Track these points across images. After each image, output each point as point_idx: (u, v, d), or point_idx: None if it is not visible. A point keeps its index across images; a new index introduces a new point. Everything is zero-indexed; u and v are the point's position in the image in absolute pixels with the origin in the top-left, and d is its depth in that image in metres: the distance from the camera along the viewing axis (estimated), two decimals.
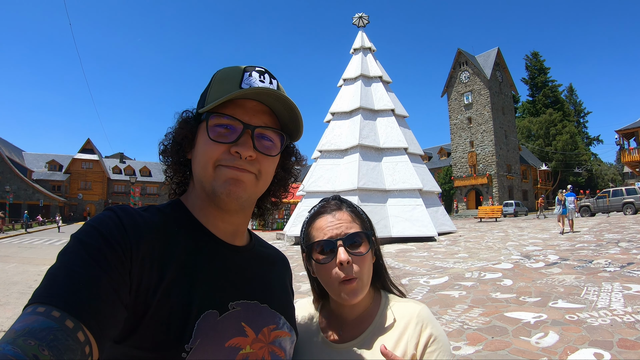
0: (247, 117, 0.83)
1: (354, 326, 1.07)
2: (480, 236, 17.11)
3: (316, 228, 1.06)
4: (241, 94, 0.81)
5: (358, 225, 1.05)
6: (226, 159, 0.81)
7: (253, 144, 0.82)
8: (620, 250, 10.08)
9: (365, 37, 23.13)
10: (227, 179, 0.81)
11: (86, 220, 0.77)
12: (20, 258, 15.84)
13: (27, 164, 64.34)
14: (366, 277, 1.02)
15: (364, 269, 1.01)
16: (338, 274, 0.99)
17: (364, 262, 1.01)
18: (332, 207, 1.08)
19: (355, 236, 1.02)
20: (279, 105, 0.86)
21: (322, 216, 1.07)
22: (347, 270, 0.98)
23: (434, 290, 6.91)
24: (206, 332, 0.74)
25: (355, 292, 0.99)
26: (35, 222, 44.14)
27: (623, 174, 66.30)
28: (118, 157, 78.56)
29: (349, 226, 1.03)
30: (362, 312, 1.08)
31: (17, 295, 8.51)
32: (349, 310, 1.08)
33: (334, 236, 1.01)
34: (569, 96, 79.22)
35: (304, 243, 1.09)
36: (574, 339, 4.23)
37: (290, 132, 0.92)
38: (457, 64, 55.43)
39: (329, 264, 1.00)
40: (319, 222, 1.06)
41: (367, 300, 1.09)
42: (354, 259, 0.99)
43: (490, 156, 50.11)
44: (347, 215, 1.06)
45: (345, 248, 0.99)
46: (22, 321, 0.55)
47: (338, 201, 1.11)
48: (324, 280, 1.03)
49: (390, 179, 18.74)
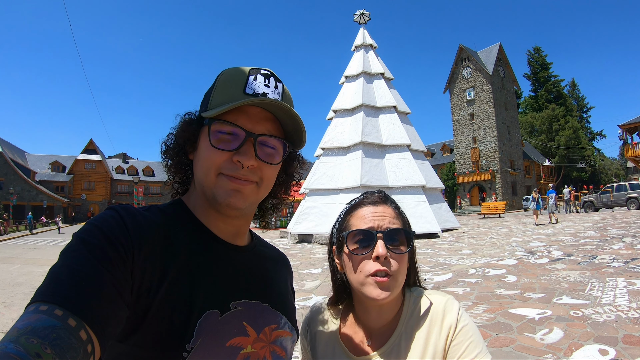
0: (250, 124, 0.83)
1: (383, 332, 1.00)
2: (484, 232, 17.10)
3: (356, 217, 1.01)
4: (244, 103, 0.80)
5: (400, 223, 1.00)
6: (228, 167, 0.81)
7: (255, 153, 0.82)
8: (624, 246, 10.06)
9: (367, 34, 23.11)
10: (228, 191, 0.81)
11: (89, 219, 0.77)
12: (25, 259, 15.91)
13: (30, 165, 64.59)
14: (401, 277, 0.96)
15: (401, 269, 0.96)
16: (371, 267, 0.93)
17: (402, 261, 0.96)
18: (376, 200, 1.03)
19: (397, 232, 0.96)
20: (283, 113, 0.86)
21: (365, 206, 1.02)
22: (383, 265, 0.93)
23: (438, 286, 6.91)
24: (207, 331, 0.74)
25: (386, 289, 0.92)
26: (39, 223, 44.31)
27: (626, 168, 65.94)
28: (121, 157, 78.79)
29: (392, 221, 0.98)
30: (391, 319, 1.01)
31: (21, 296, 8.55)
32: (377, 316, 1.01)
33: (375, 227, 0.96)
34: (571, 91, 78.96)
35: (337, 232, 1.04)
36: (578, 335, 4.22)
37: (293, 140, 0.91)
38: (459, 60, 55.27)
39: (363, 256, 0.95)
40: (361, 211, 1.01)
41: (396, 307, 1.02)
42: (392, 255, 0.94)
43: (493, 152, 50.01)
44: (392, 210, 1.01)
45: (384, 242, 0.94)
46: (25, 320, 0.55)
47: (383, 195, 1.06)
48: (353, 273, 0.97)
49: (393, 176, 18.74)
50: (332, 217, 18.26)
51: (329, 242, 1.09)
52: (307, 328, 1.14)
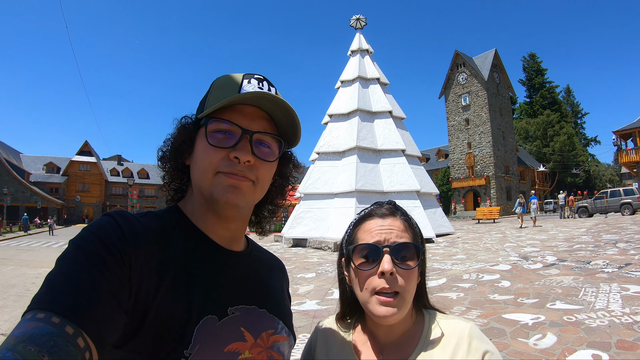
0: (246, 122, 0.83)
1: (397, 351, 0.95)
2: (478, 237, 17.12)
3: (363, 230, 0.97)
4: (240, 98, 0.81)
5: (410, 237, 0.95)
6: (225, 165, 0.81)
7: (251, 149, 0.83)
8: (618, 251, 10.10)
9: (363, 39, 23.18)
10: (226, 187, 0.81)
11: (85, 223, 0.77)
12: (18, 260, 15.79)
13: (24, 166, 64.21)
14: (409, 295, 0.92)
15: (409, 286, 0.91)
16: (376, 284, 0.89)
17: (410, 277, 0.92)
18: (385, 212, 0.99)
19: (404, 247, 0.92)
20: (278, 111, 0.86)
21: (372, 219, 0.98)
22: (389, 282, 0.89)
23: (432, 292, 6.72)
24: (205, 337, 0.74)
25: (391, 310, 0.88)
26: (33, 225, 44.04)
27: (621, 174, 66.51)
28: (116, 159, 78.48)
29: (400, 235, 0.94)
30: (404, 333, 0.97)
31: (14, 298, 8.49)
32: (387, 331, 0.97)
33: (381, 241, 0.92)
34: (566, 97, 79.56)
35: (346, 245, 1.01)
36: (572, 340, 4.23)
37: (288, 138, 0.92)
38: (454, 66, 55.51)
39: (369, 271, 0.91)
40: (368, 224, 0.97)
41: (408, 321, 0.98)
42: (399, 271, 0.90)
43: (488, 157, 50.18)
44: (400, 223, 0.97)
45: (391, 257, 0.90)
46: (22, 327, 0.55)
47: (392, 206, 1.01)
48: (359, 289, 0.93)
49: (388, 181, 18.76)
50: (326, 221, 18.20)
51: (339, 253, 1.07)
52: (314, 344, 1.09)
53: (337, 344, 1.04)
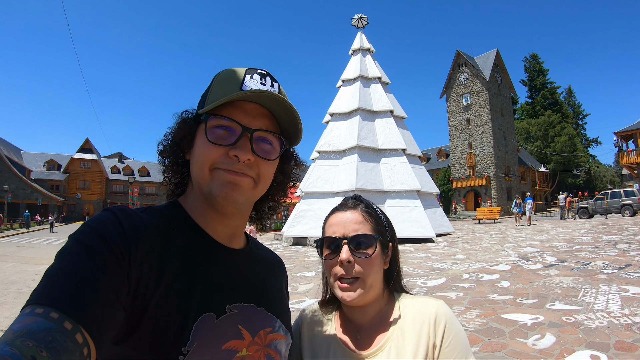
0: (247, 119, 0.83)
1: (372, 331, 1.05)
2: (478, 237, 17.10)
3: (328, 224, 1.09)
4: (241, 95, 0.81)
5: (370, 227, 1.05)
6: (224, 162, 0.81)
7: (251, 148, 0.82)
8: (618, 252, 10.10)
9: (364, 38, 23.13)
10: (224, 182, 0.81)
11: (85, 221, 0.77)
12: (19, 257, 15.81)
13: (25, 163, 64.24)
14: (370, 279, 1.02)
15: (368, 271, 1.01)
16: (337, 271, 1.01)
17: (368, 264, 1.01)
18: (348, 206, 1.10)
19: (361, 237, 1.03)
20: (279, 108, 0.86)
21: (336, 213, 1.10)
22: (347, 269, 1.00)
23: (432, 291, 6.91)
24: (203, 335, 0.74)
25: (351, 294, 1.00)
26: (34, 222, 44.05)
27: (621, 175, 66.24)
28: (117, 157, 78.49)
29: (357, 227, 1.04)
30: (376, 314, 1.08)
31: (14, 295, 8.51)
32: (361, 313, 1.08)
33: (341, 234, 1.03)
34: (567, 98, 79.37)
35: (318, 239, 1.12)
36: (570, 340, 4.23)
37: (289, 136, 0.92)
38: (456, 66, 55.36)
39: (332, 261, 1.03)
40: (332, 219, 1.09)
41: (380, 303, 1.09)
42: (357, 259, 1.00)
43: (488, 157, 50.08)
44: (360, 216, 1.06)
45: (349, 247, 1.01)
46: (21, 322, 0.55)
47: (356, 200, 1.12)
48: (328, 277, 1.06)
49: (389, 180, 18.74)
50: None
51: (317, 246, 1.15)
52: (299, 329, 1.16)
53: (320, 327, 1.13)
